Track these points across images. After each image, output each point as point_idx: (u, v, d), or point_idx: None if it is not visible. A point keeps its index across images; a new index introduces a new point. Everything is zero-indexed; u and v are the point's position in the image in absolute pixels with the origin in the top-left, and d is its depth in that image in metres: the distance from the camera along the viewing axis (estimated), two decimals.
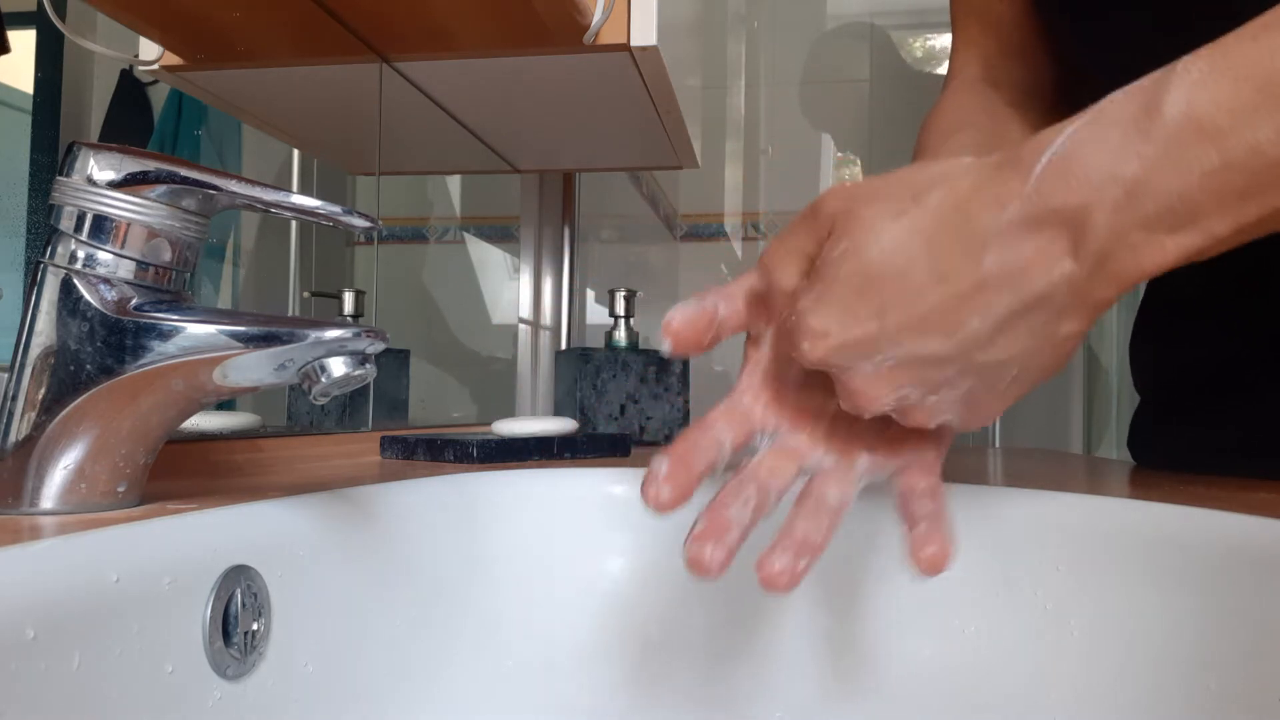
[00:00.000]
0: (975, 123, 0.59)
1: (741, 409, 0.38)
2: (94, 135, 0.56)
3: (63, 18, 0.52)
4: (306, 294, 0.77)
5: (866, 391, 0.33)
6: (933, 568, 0.34)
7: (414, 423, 0.93)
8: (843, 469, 0.38)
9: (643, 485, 0.36)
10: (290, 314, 0.65)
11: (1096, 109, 0.32)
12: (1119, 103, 0.31)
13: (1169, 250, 0.31)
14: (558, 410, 0.95)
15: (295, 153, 0.78)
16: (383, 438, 0.68)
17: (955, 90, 0.63)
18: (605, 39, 0.75)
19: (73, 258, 0.32)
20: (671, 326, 0.37)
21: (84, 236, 0.32)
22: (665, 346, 0.37)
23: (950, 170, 0.33)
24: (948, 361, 0.32)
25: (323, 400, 0.34)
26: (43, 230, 0.33)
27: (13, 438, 0.32)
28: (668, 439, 0.90)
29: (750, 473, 0.37)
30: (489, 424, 0.68)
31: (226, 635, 0.31)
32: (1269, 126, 0.29)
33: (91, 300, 0.32)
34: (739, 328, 0.39)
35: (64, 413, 0.32)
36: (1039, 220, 0.31)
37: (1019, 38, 0.62)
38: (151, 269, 0.33)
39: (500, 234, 1.33)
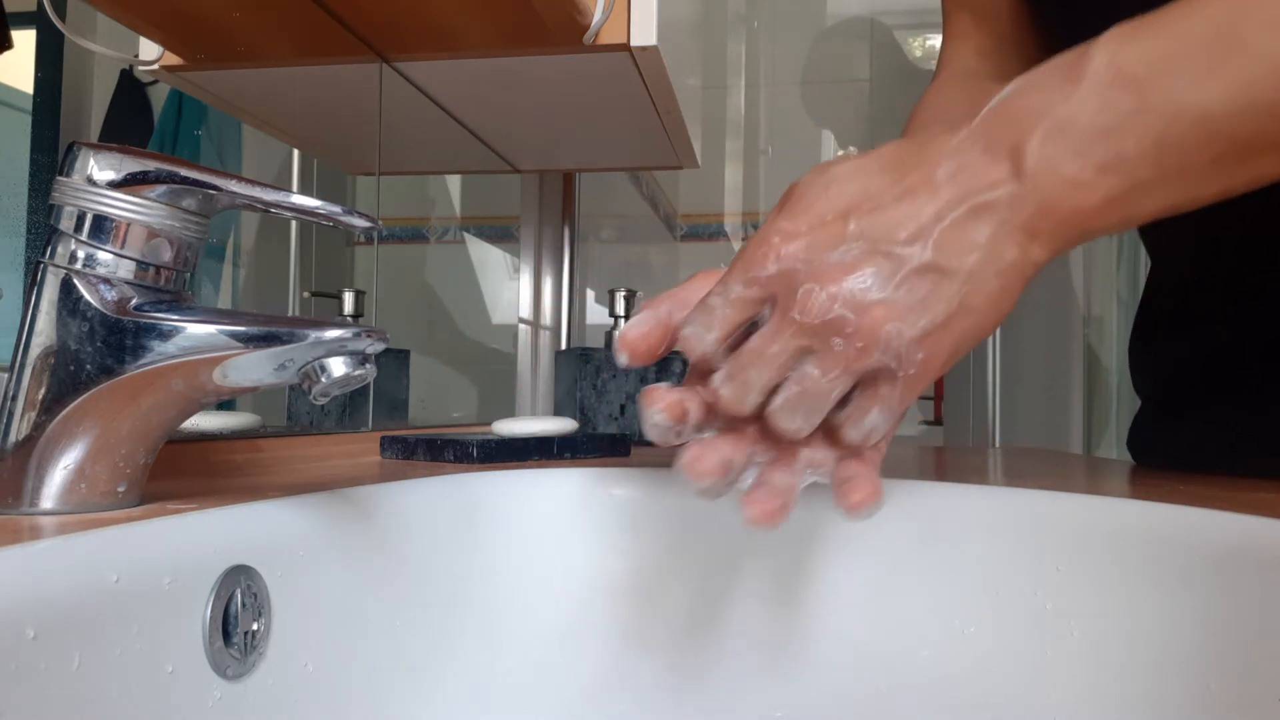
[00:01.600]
0: (960, 114, 0.59)
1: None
2: (94, 135, 0.56)
3: (63, 18, 0.52)
4: (306, 294, 0.77)
5: (827, 274, 0.34)
6: (858, 511, 0.37)
7: (414, 423, 0.93)
8: (785, 460, 0.39)
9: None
10: (290, 314, 0.65)
11: (1038, 67, 0.36)
12: (1058, 58, 0.35)
13: (1098, 187, 0.34)
14: (558, 410, 0.95)
15: (295, 153, 0.78)
16: (383, 438, 0.68)
17: (944, 82, 0.63)
18: (605, 39, 0.75)
19: (73, 258, 0.32)
20: (627, 339, 0.40)
21: (84, 236, 0.32)
22: (621, 359, 0.40)
23: (912, 141, 0.37)
24: (905, 257, 0.34)
25: (323, 400, 0.34)
26: (43, 230, 0.33)
27: (13, 438, 0.32)
28: None
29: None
30: (489, 424, 0.68)
31: (226, 635, 0.31)
32: (1184, 79, 0.33)
33: (91, 300, 0.32)
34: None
35: (64, 413, 0.32)
36: (984, 143, 0.35)
37: (1012, 31, 0.62)
38: (151, 269, 0.33)
39: (500, 234, 1.33)
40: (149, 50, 0.62)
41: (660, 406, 0.37)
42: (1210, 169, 0.35)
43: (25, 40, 0.50)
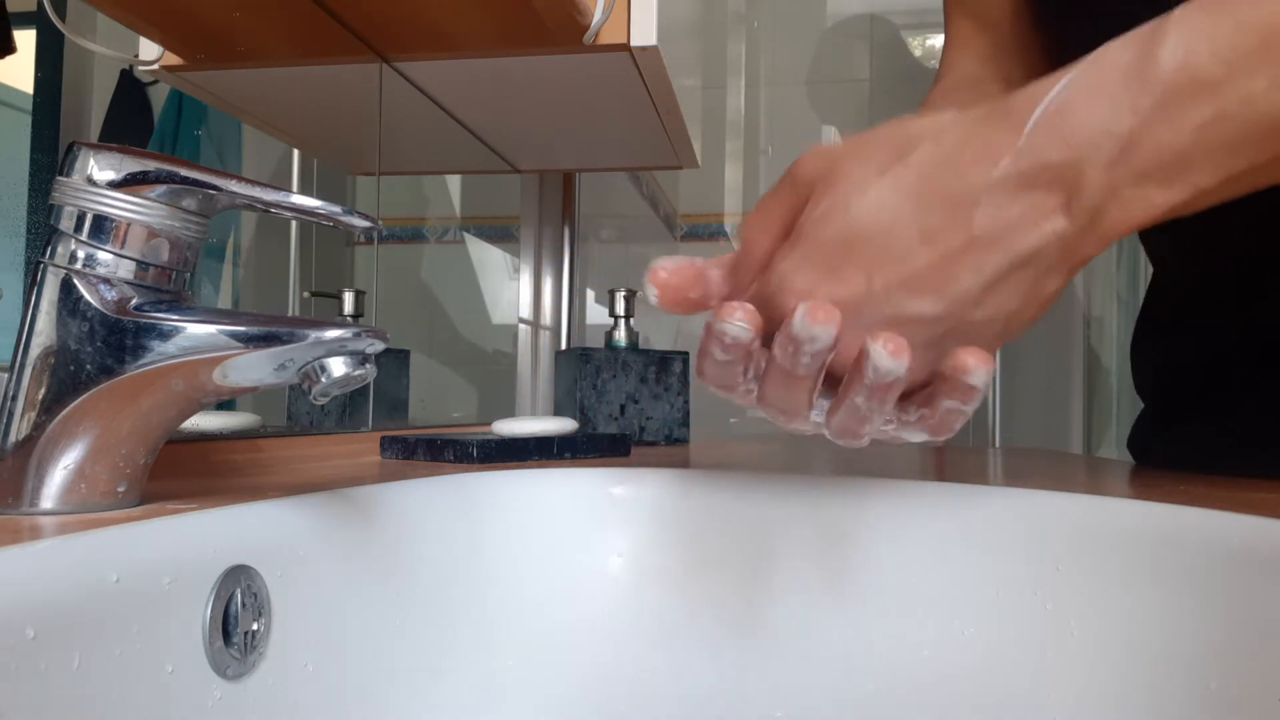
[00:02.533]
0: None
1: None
2: (94, 135, 0.56)
3: (63, 18, 0.52)
4: (306, 294, 0.77)
5: (853, 347, 0.32)
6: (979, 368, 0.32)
7: (414, 423, 0.93)
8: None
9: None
10: (290, 314, 0.65)
11: (1093, 58, 0.31)
12: (1115, 51, 0.31)
13: (1156, 204, 0.31)
14: (558, 410, 0.95)
15: (295, 153, 0.78)
16: (383, 438, 0.68)
17: (945, 88, 0.63)
18: (605, 39, 0.75)
19: (73, 258, 0.32)
20: (659, 276, 0.37)
21: (84, 236, 0.32)
22: (651, 295, 0.37)
23: (935, 125, 0.32)
24: (936, 321, 0.32)
25: (323, 400, 0.34)
26: (43, 230, 0.33)
27: (13, 438, 0.32)
28: (668, 439, 0.90)
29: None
30: (489, 424, 0.68)
31: (226, 635, 0.31)
32: (1263, 77, 0.29)
33: (91, 300, 0.32)
34: (725, 297, 0.38)
35: (64, 413, 0.32)
36: (1031, 176, 0.30)
37: (1013, 37, 0.62)
38: (151, 269, 0.33)
39: (500, 234, 1.33)
40: (149, 50, 0.62)
41: (736, 316, 0.33)
42: (1275, 165, 0.31)
43: (25, 40, 0.50)
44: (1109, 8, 0.34)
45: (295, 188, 0.77)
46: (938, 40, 1.99)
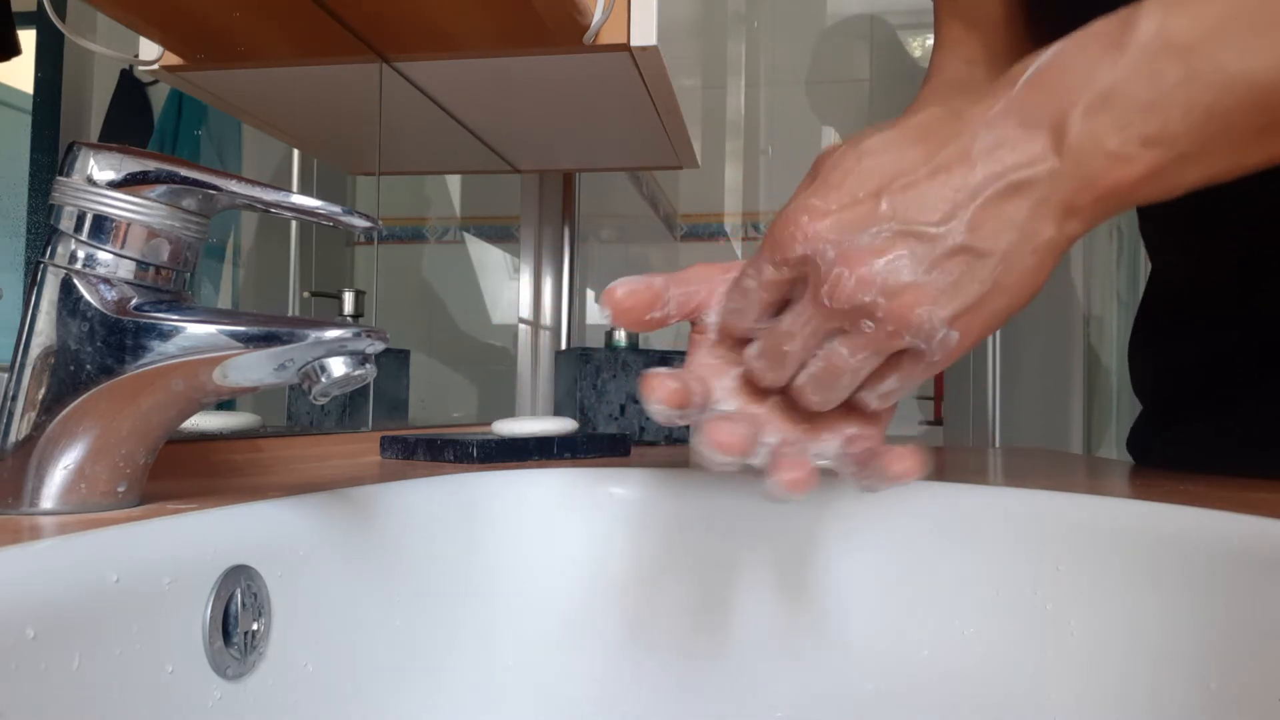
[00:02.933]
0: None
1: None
2: (94, 135, 0.56)
3: (63, 18, 0.52)
4: (306, 294, 0.77)
5: (859, 257, 0.33)
6: (901, 479, 0.35)
7: (414, 423, 0.93)
8: (803, 438, 0.39)
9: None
10: (290, 314, 0.65)
11: (1081, 29, 0.34)
12: (1100, 22, 0.34)
13: (1141, 161, 0.33)
14: (558, 410, 0.95)
15: (295, 153, 0.78)
16: (383, 438, 0.68)
17: (934, 90, 0.63)
18: (605, 39, 0.75)
19: (73, 258, 0.32)
20: (614, 296, 0.38)
21: (84, 236, 0.32)
22: (605, 314, 0.38)
23: (937, 105, 0.36)
24: (938, 238, 0.33)
25: (323, 400, 0.34)
26: (43, 230, 0.33)
27: (13, 438, 0.32)
28: (668, 439, 0.90)
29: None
30: (489, 424, 0.68)
31: (226, 635, 0.31)
32: (1233, 46, 0.32)
33: (91, 300, 0.32)
34: (687, 312, 0.40)
35: (64, 413, 0.32)
36: (1022, 115, 0.33)
37: (1004, 40, 0.62)
38: (151, 269, 0.33)
39: (500, 234, 1.33)
40: (149, 50, 0.62)
41: (659, 397, 0.36)
42: (1257, 138, 0.34)
43: (25, 40, 0.50)
44: (1099, 12, 0.35)
45: (295, 188, 0.77)
46: None
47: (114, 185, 0.32)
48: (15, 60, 0.49)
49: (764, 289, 0.36)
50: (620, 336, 0.91)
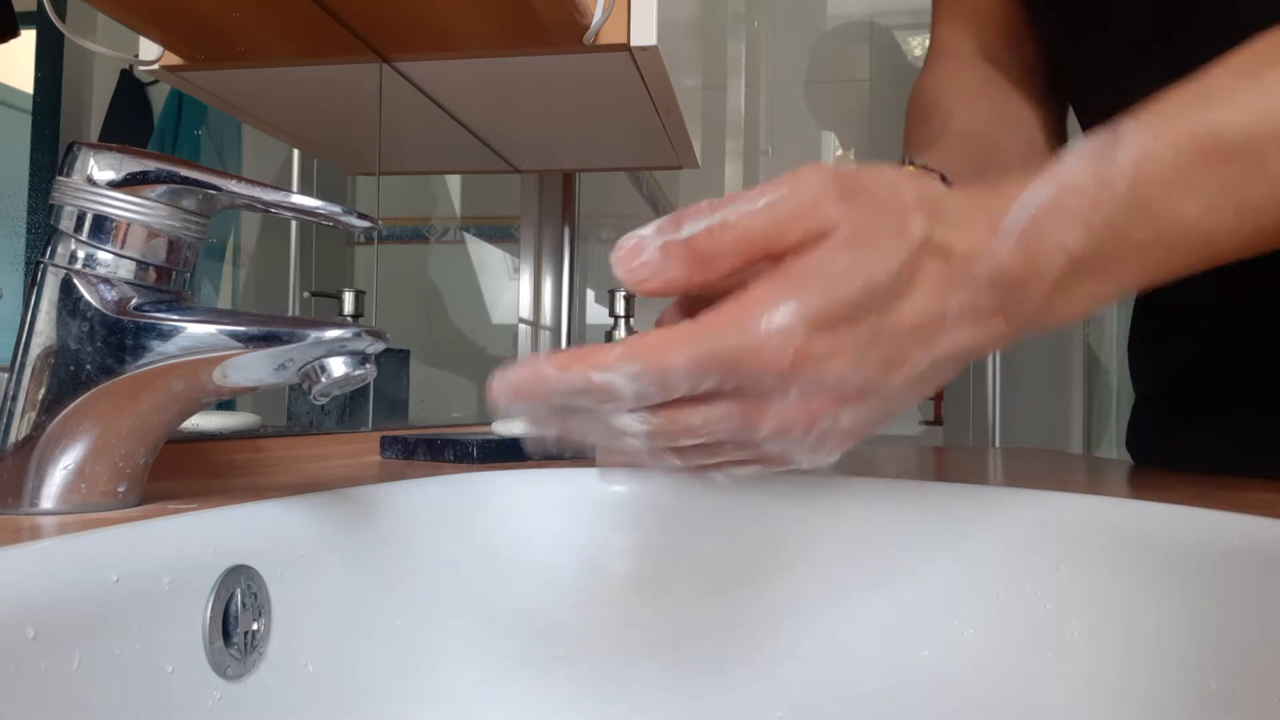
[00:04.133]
0: (984, 93, 0.59)
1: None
2: (94, 135, 0.56)
3: (63, 18, 0.52)
4: (306, 294, 0.77)
5: (819, 409, 0.32)
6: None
7: (414, 423, 0.93)
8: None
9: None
10: (290, 314, 0.65)
11: (1058, 174, 0.34)
12: (1076, 169, 0.34)
13: (1080, 305, 0.34)
14: None
15: (295, 153, 0.78)
16: (383, 438, 0.68)
17: (952, 63, 0.63)
18: (605, 39, 0.75)
19: (73, 258, 0.32)
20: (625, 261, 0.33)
21: (84, 236, 0.32)
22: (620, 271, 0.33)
23: (930, 200, 0.33)
24: (886, 396, 0.33)
25: (323, 400, 0.34)
26: (43, 230, 0.33)
27: (13, 438, 0.32)
28: None
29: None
30: (489, 424, 0.68)
31: (226, 635, 0.31)
32: (1198, 203, 0.33)
33: (91, 300, 0.32)
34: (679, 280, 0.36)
35: (64, 413, 0.32)
36: (995, 280, 0.33)
37: (1007, 28, 0.62)
38: (151, 269, 0.33)
39: (500, 234, 1.33)
40: (149, 50, 0.62)
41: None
42: (1209, 267, 0.36)
43: (25, 40, 0.50)
44: (1093, 32, 0.35)
45: (295, 188, 0.77)
46: None
47: (114, 185, 0.32)
48: (15, 61, 0.49)
49: (684, 400, 0.31)
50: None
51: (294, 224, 0.76)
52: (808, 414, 0.31)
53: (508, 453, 0.61)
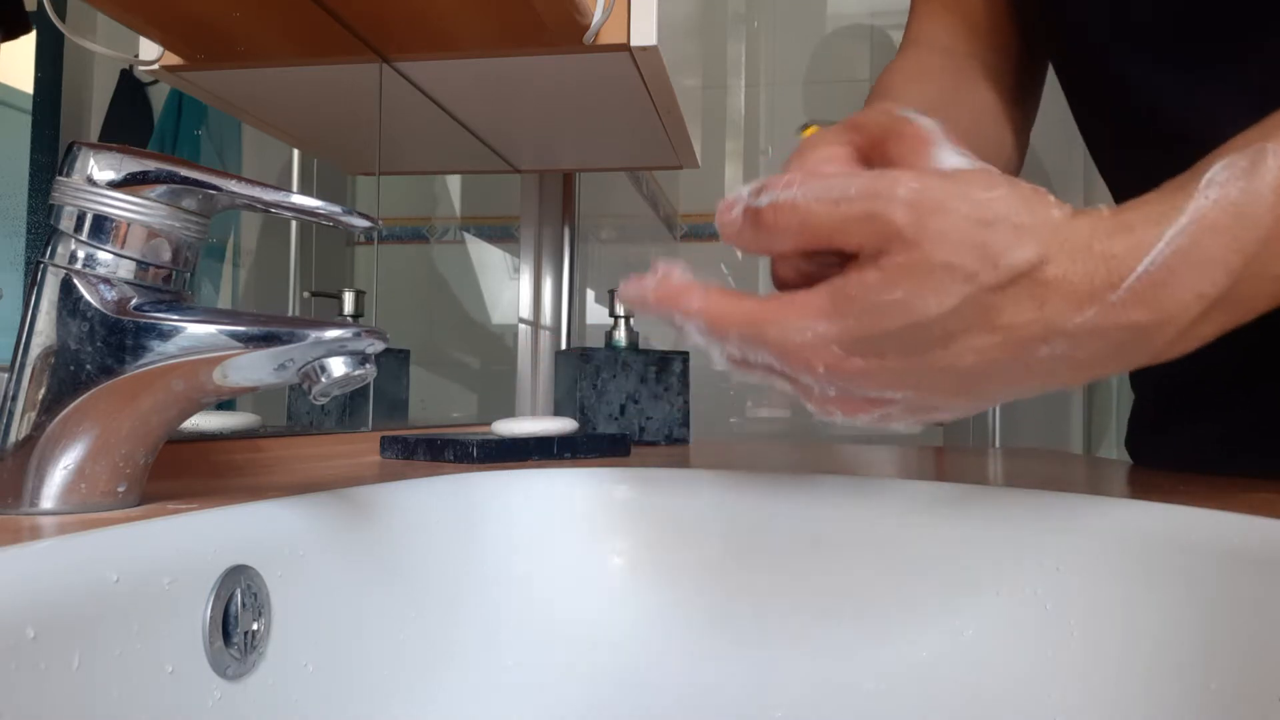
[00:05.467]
0: (937, 79, 0.58)
1: None
2: (94, 135, 0.56)
3: (63, 18, 0.52)
4: (306, 294, 0.77)
5: (853, 408, 0.33)
6: None
7: (414, 423, 0.93)
8: None
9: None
10: (290, 314, 0.65)
11: (1196, 210, 0.30)
12: (1216, 203, 0.30)
13: (1197, 343, 0.32)
14: (558, 410, 0.95)
15: (295, 153, 0.78)
16: (383, 438, 0.68)
17: (915, 51, 0.61)
18: (605, 39, 0.75)
19: (73, 258, 0.32)
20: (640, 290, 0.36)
21: (84, 236, 0.32)
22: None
23: (1041, 232, 0.30)
24: (948, 409, 0.33)
25: (323, 400, 0.34)
26: (43, 230, 0.33)
27: (13, 438, 0.32)
28: (668, 439, 0.90)
29: None
30: (489, 424, 0.68)
31: (226, 635, 0.31)
32: None
33: (91, 300, 0.32)
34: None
35: (64, 413, 0.32)
36: (1109, 331, 0.30)
37: (984, 19, 0.62)
38: (151, 269, 0.33)
39: (500, 234, 1.33)
40: (149, 50, 0.62)
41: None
42: None
43: (25, 40, 0.50)
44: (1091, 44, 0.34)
45: (295, 188, 0.77)
46: None
47: (114, 185, 0.32)
48: (15, 61, 0.49)
49: (740, 363, 0.34)
50: (620, 336, 0.91)
51: (294, 224, 0.76)
52: (850, 408, 0.33)
53: (508, 453, 0.61)
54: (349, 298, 0.81)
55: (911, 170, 0.31)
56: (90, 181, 0.32)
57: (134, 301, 0.32)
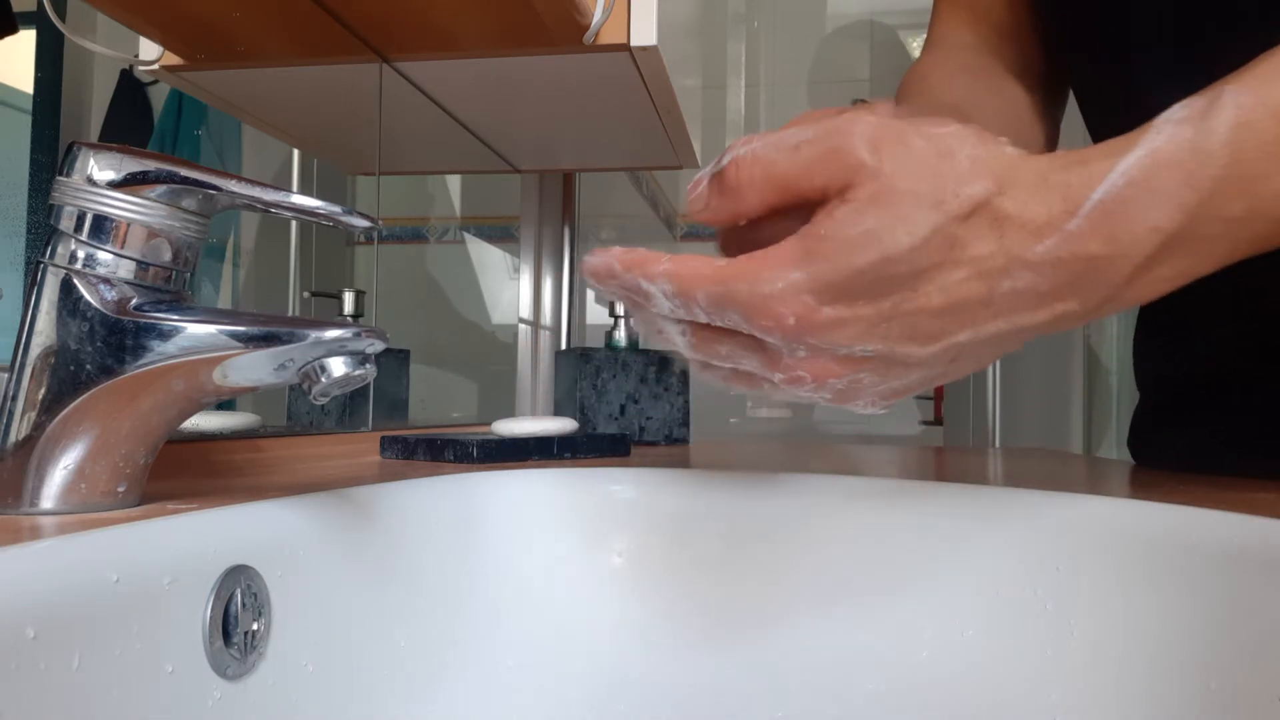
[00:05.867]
0: (971, 74, 0.58)
1: None
2: (94, 135, 0.56)
3: (63, 18, 0.52)
4: (306, 294, 0.77)
5: (829, 370, 0.32)
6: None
7: (414, 423, 0.93)
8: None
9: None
10: (290, 314, 0.65)
11: (1150, 144, 0.31)
12: (1170, 138, 0.30)
13: (1164, 284, 0.32)
14: (558, 410, 0.95)
15: (295, 153, 0.78)
16: (383, 438, 0.68)
17: (943, 52, 0.61)
18: (605, 39, 0.75)
19: (73, 258, 0.32)
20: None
21: (84, 236, 0.32)
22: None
23: (995, 165, 0.31)
24: (916, 365, 0.32)
25: (323, 400, 0.34)
26: (43, 230, 0.33)
27: (13, 438, 0.32)
28: (668, 439, 0.90)
29: None
30: (489, 424, 0.68)
31: (226, 635, 0.31)
32: None
33: (91, 300, 0.32)
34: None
35: (64, 413, 0.32)
36: (1066, 262, 0.30)
37: (1007, 23, 0.62)
38: (151, 269, 0.33)
39: (500, 234, 1.33)
40: (149, 50, 0.62)
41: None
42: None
43: (25, 40, 0.50)
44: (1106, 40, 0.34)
45: (295, 188, 0.77)
46: None
47: (114, 185, 0.32)
48: (15, 61, 0.49)
49: (717, 327, 0.33)
50: (620, 336, 0.91)
51: (294, 224, 0.76)
52: (819, 371, 0.31)
53: (508, 453, 0.61)
54: (349, 298, 0.81)
55: (866, 107, 0.32)
56: (90, 181, 0.32)
57: (134, 301, 0.32)
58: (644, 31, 0.74)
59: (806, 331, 0.31)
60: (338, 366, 0.33)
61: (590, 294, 1.51)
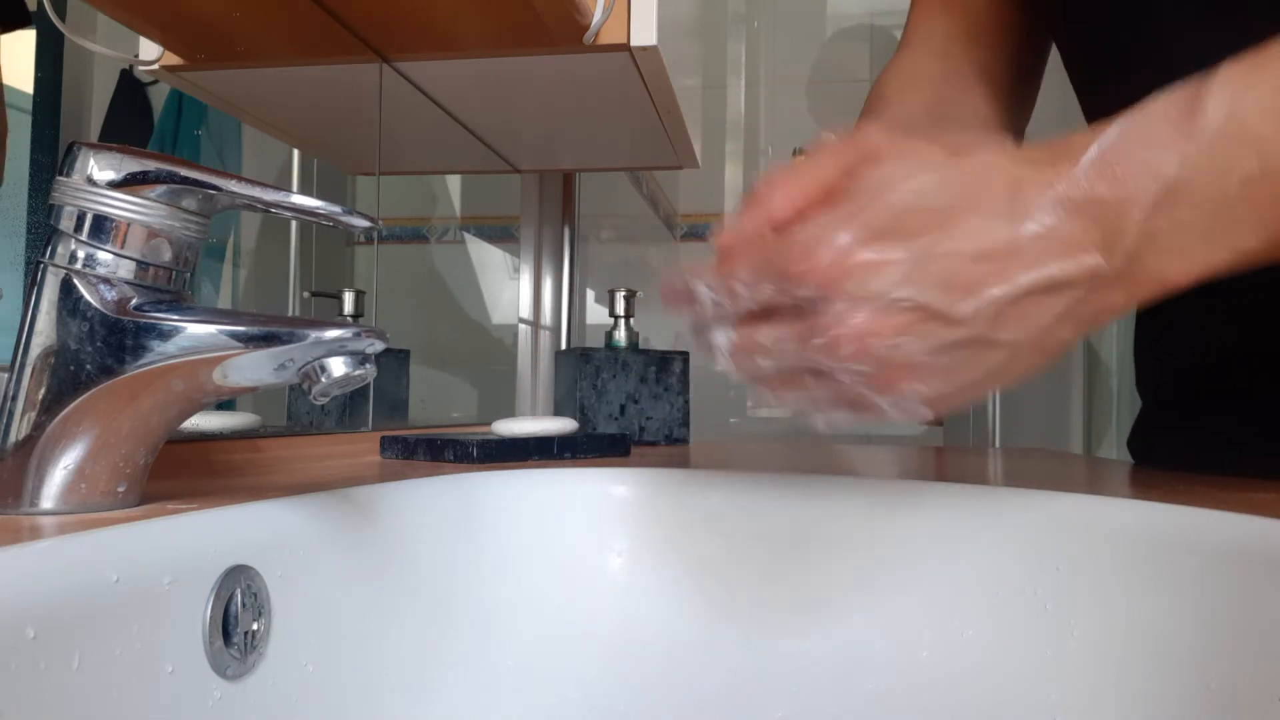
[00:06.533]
0: (929, 84, 0.58)
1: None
2: (94, 135, 0.56)
3: (63, 18, 0.52)
4: (306, 294, 0.77)
5: (868, 326, 0.31)
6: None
7: (414, 423, 0.93)
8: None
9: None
10: (290, 314, 0.65)
11: (1141, 107, 0.32)
12: (1162, 102, 0.32)
13: (1195, 260, 0.31)
14: (558, 410, 0.95)
15: (295, 153, 0.78)
16: (383, 438, 0.68)
17: (909, 54, 0.62)
18: (605, 39, 0.75)
19: (73, 258, 0.32)
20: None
21: (84, 236, 0.32)
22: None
23: (992, 142, 0.34)
24: (958, 324, 0.31)
25: (323, 400, 0.34)
26: (43, 230, 0.33)
27: (13, 438, 0.32)
28: (668, 439, 0.90)
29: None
30: (489, 424, 0.68)
31: (226, 635, 0.31)
32: None
33: (91, 300, 0.32)
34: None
35: (64, 413, 0.32)
36: (1080, 205, 0.31)
37: (982, 23, 0.62)
38: (151, 269, 0.33)
39: (500, 234, 1.33)
40: (149, 50, 0.62)
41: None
42: None
43: (25, 40, 0.50)
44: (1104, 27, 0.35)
45: (295, 188, 0.77)
46: None
47: (114, 185, 0.32)
48: (15, 61, 0.49)
49: (756, 302, 0.33)
50: (620, 336, 0.91)
51: (294, 224, 0.76)
52: (858, 329, 0.31)
53: (508, 453, 0.61)
54: (349, 298, 0.81)
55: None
56: (90, 181, 0.32)
57: (134, 301, 0.32)
58: (644, 31, 0.74)
59: (842, 274, 0.30)
60: (338, 366, 0.33)
61: (590, 294, 1.51)
